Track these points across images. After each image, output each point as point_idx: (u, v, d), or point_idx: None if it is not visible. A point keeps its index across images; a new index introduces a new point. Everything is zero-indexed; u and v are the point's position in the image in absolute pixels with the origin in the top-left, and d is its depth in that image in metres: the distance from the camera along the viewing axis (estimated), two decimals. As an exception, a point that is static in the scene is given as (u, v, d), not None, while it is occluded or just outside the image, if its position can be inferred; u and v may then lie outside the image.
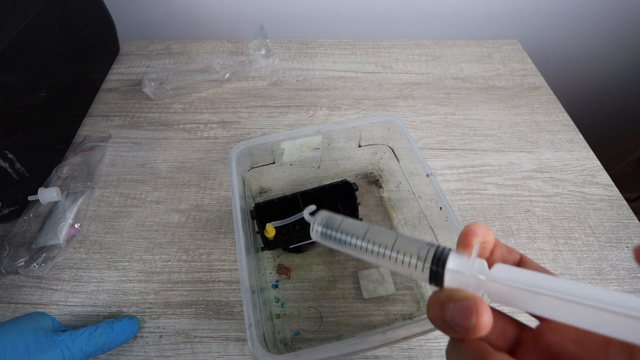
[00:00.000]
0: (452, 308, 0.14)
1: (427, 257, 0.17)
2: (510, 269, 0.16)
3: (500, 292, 0.15)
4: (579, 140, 0.48)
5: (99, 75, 0.55)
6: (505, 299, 0.15)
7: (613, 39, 0.71)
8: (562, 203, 0.41)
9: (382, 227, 0.21)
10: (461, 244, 0.17)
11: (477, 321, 0.14)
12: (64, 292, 0.35)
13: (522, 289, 0.14)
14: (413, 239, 0.19)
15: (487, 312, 0.14)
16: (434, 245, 0.18)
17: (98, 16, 0.55)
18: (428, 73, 0.56)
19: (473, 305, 0.14)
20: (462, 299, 0.14)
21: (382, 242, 0.19)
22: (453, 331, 0.15)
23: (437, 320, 0.15)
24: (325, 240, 0.23)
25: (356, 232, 0.21)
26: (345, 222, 0.22)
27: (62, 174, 0.43)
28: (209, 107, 0.52)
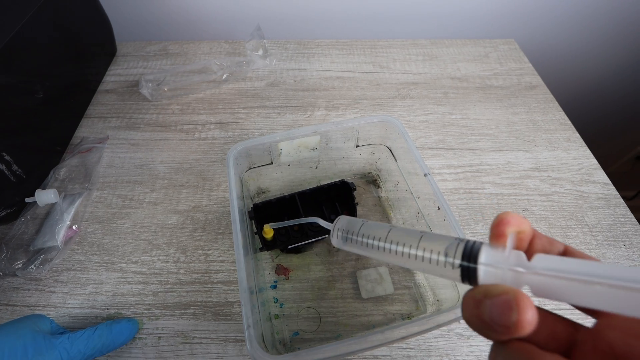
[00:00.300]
0: (490, 305, 0.13)
1: (457, 253, 0.16)
2: (553, 259, 0.14)
3: (544, 285, 0.13)
4: (576, 139, 0.48)
5: (96, 76, 0.55)
6: (551, 293, 0.13)
7: (609, 38, 0.71)
8: (560, 202, 0.42)
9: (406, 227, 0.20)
10: (494, 235, 0.15)
11: (519, 317, 0.12)
12: (62, 294, 0.35)
13: (570, 278, 0.13)
14: (440, 236, 0.18)
15: (530, 307, 0.13)
16: (464, 240, 0.16)
17: (95, 17, 0.54)
18: (425, 73, 0.56)
19: (513, 300, 0.13)
20: (500, 294, 0.13)
21: (407, 242, 0.18)
22: (493, 332, 0.13)
23: (474, 321, 0.14)
24: (346, 246, 0.22)
25: (378, 234, 0.20)
26: (366, 225, 0.21)
27: (59, 175, 0.43)
28: (206, 107, 0.51)
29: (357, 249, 0.22)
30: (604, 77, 0.78)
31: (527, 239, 0.16)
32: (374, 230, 0.20)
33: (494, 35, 0.67)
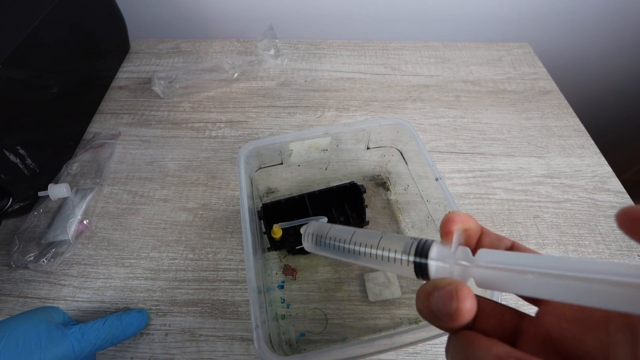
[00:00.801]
0: (437, 296, 0.15)
1: (411, 251, 0.18)
2: (494, 252, 0.15)
3: (485, 276, 0.15)
4: (590, 145, 0.47)
5: (109, 72, 0.56)
6: (492, 283, 0.15)
7: (625, 43, 0.70)
8: (572, 209, 0.41)
9: (370, 230, 0.21)
10: (442, 233, 0.17)
11: (458, 305, 0.14)
12: (72, 287, 0.35)
13: (506, 269, 0.14)
14: (398, 236, 0.19)
15: (468, 297, 0.14)
16: (417, 239, 0.18)
17: (109, 15, 0.55)
18: (437, 75, 0.56)
19: (454, 290, 0.14)
20: (444, 286, 0.14)
21: (368, 243, 0.20)
22: (439, 320, 0.15)
23: (425, 311, 0.15)
24: (316, 249, 0.24)
25: (344, 237, 0.21)
26: (334, 229, 0.23)
27: (71, 170, 0.43)
28: (217, 106, 0.52)
29: (326, 252, 0.23)
30: (620, 82, 0.77)
31: (475, 236, 0.17)
32: (340, 234, 0.22)
33: (508, 38, 0.66)
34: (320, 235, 0.23)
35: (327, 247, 0.23)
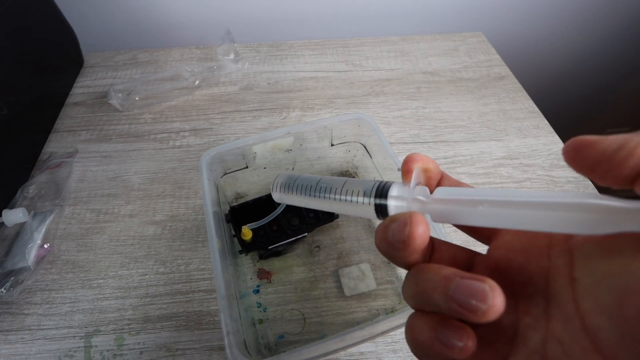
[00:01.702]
0: (393, 226, 0.15)
1: (372, 192, 0.18)
2: (449, 189, 0.16)
3: (441, 211, 0.16)
4: (545, 125, 0.49)
5: (63, 89, 0.54)
6: (448, 217, 0.15)
7: (573, 26, 0.74)
8: (532, 187, 0.43)
9: (336, 177, 0.22)
10: (403, 172, 0.17)
11: (411, 230, 0.14)
12: (36, 315, 0.34)
13: (460, 201, 0.15)
14: (361, 181, 0.20)
15: (421, 223, 0.14)
16: (378, 181, 0.19)
17: (58, 29, 0.53)
18: (398, 69, 0.57)
19: (407, 218, 0.15)
20: (400, 217, 0.15)
21: (333, 187, 0.21)
22: (394, 249, 0.15)
23: (382, 244, 0.16)
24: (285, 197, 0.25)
25: (310, 183, 0.22)
26: (301, 178, 0.24)
27: (28, 193, 0.41)
28: (179, 115, 0.51)
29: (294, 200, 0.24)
30: (570, 64, 0.81)
31: (435, 177, 0.18)
32: (307, 181, 0.23)
33: (463, 29, 0.68)
34: (289, 184, 0.24)
35: (294, 195, 0.23)
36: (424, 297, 0.15)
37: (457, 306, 0.13)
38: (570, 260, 0.14)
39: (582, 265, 0.13)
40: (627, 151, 0.12)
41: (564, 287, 0.14)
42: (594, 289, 0.12)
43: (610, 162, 0.12)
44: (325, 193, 0.21)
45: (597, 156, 0.12)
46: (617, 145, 0.12)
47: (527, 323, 0.14)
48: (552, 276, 0.14)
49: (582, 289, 0.13)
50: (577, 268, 0.14)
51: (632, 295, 0.11)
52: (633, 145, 0.12)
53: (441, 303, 0.14)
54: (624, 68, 0.83)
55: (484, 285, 0.13)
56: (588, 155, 0.13)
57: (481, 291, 0.13)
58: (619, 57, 0.81)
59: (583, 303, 0.13)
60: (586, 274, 0.13)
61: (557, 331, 0.13)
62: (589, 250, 0.13)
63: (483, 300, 0.12)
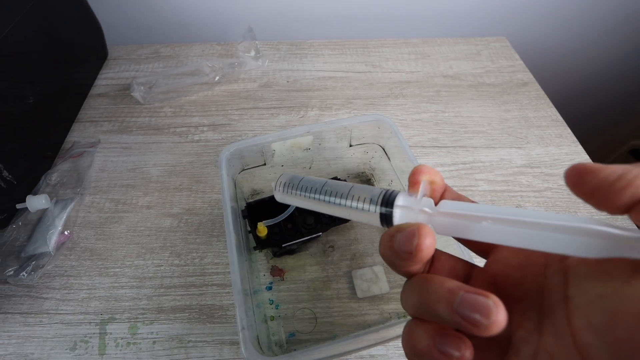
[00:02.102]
0: (399, 237, 0.15)
1: (378, 200, 0.18)
2: (454, 203, 0.16)
3: (445, 224, 0.16)
4: (568, 134, 0.48)
5: (87, 80, 0.55)
6: (451, 229, 0.16)
7: (600, 34, 0.72)
8: (553, 197, 0.42)
9: (342, 181, 0.22)
10: (410, 184, 0.18)
11: (419, 242, 0.15)
12: (54, 300, 0.35)
13: (464, 216, 0.15)
14: (367, 187, 0.20)
15: (429, 235, 0.15)
16: (385, 189, 0.19)
17: (85, 21, 0.54)
18: (418, 71, 0.57)
19: (416, 230, 0.15)
20: (407, 227, 0.15)
21: (339, 192, 0.21)
22: (399, 259, 0.16)
23: (387, 253, 0.16)
24: (287, 197, 0.24)
25: (315, 186, 0.22)
26: (306, 179, 0.23)
27: (50, 181, 0.42)
28: (199, 110, 0.51)
29: (296, 201, 0.23)
30: (595, 73, 0.79)
31: (439, 190, 0.18)
32: (311, 183, 0.22)
33: (486, 33, 0.67)
34: (292, 185, 0.23)
35: (297, 197, 0.23)
36: (427, 307, 0.15)
37: (461, 319, 0.13)
38: (565, 279, 0.15)
39: (576, 285, 0.14)
40: (627, 181, 0.12)
41: (558, 304, 0.14)
42: (587, 308, 0.13)
43: (610, 190, 0.13)
44: (330, 197, 0.21)
45: (597, 183, 0.13)
46: (617, 175, 0.13)
47: (521, 336, 0.15)
48: (547, 293, 0.15)
49: (575, 307, 0.14)
50: (571, 287, 0.14)
51: (623, 318, 0.12)
52: (632, 176, 0.12)
53: (445, 315, 0.14)
54: (652, 78, 0.81)
55: (488, 301, 0.13)
56: (589, 181, 0.13)
57: (485, 306, 0.13)
58: (647, 67, 0.78)
59: (575, 321, 0.13)
60: (580, 294, 0.14)
61: (548, 345, 0.14)
62: (583, 271, 0.14)
63: (487, 316, 0.13)
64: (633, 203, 0.12)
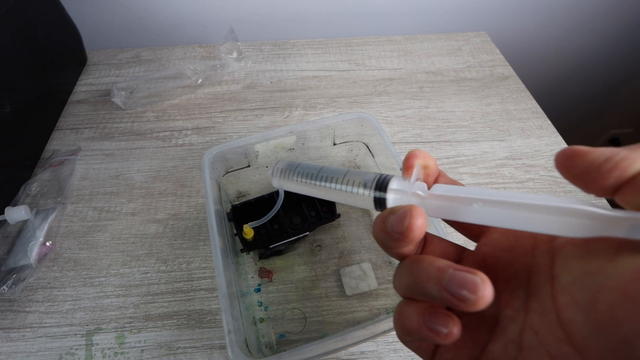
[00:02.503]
0: (392, 218, 0.16)
1: (373, 184, 0.19)
2: (446, 186, 0.17)
3: (438, 206, 0.16)
4: (548, 126, 0.49)
5: (67, 87, 0.54)
6: (443, 212, 0.16)
7: (577, 27, 0.73)
8: (535, 188, 0.43)
9: (337, 167, 0.22)
10: (404, 168, 0.18)
11: (410, 222, 0.15)
12: (37, 313, 0.34)
13: (456, 198, 0.16)
14: (362, 172, 0.20)
15: (420, 216, 0.15)
16: (379, 174, 0.19)
17: (62, 27, 0.53)
18: (401, 68, 0.57)
19: (407, 210, 0.15)
20: (400, 209, 0.16)
21: (334, 177, 0.21)
22: (392, 240, 0.16)
23: (380, 234, 0.16)
24: (284, 183, 0.25)
25: (311, 172, 0.22)
26: (302, 165, 0.24)
27: (30, 191, 0.41)
28: (182, 113, 0.51)
29: (293, 186, 0.24)
30: (574, 65, 0.80)
31: (433, 175, 0.19)
32: (308, 169, 0.23)
33: (466, 28, 0.68)
34: (289, 170, 0.24)
35: (294, 181, 0.23)
36: (417, 286, 0.15)
37: (449, 295, 0.14)
38: (552, 259, 0.15)
39: (562, 265, 0.15)
40: (613, 163, 0.13)
41: (544, 284, 0.15)
42: (571, 286, 0.14)
43: (597, 172, 0.13)
44: (326, 182, 0.21)
45: (585, 166, 0.13)
46: (605, 157, 0.13)
47: (508, 315, 0.16)
48: (534, 273, 0.16)
49: (560, 286, 0.14)
50: (557, 267, 0.15)
51: (605, 294, 0.12)
52: (619, 158, 0.13)
53: (434, 292, 0.14)
54: (628, 69, 0.83)
55: (475, 277, 0.14)
56: (578, 164, 0.14)
57: (473, 282, 0.13)
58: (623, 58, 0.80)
59: (560, 298, 0.14)
60: (565, 273, 0.14)
61: (534, 323, 0.14)
62: (569, 251, 0.15)
63: (474, 291, 0.13)
64: (619, 184, 0.13)
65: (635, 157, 0.13)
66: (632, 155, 0.13)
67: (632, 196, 0.13)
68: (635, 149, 0.13)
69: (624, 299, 0.11)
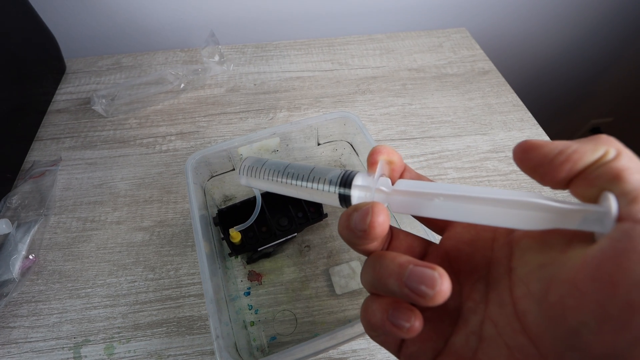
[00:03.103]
0: (355, 215, 0.16)
1: (337, 181, 0.19)
2: (409, 182, 0.17)
3: (401, 202, 0.17)
4: (529, 118, 0.50)
5: (45, 96, 0.53)
6: (407, 207, 0.17)
7: (555, 20, 0.75)
8: (518, 179, 0.43)
9: (304, 163, 0.22)
10: (368, 164, 0.18)
11: (372, 219, 0.15)
12: (22, 328, 0.33)
13: (418, 193, 0.16)
14: (328, 169, 0.20)
15: (382, 213, 0.15)
16: (344, 170, 0.19)
17: (38, 35, 0.52)
18: (383, 66, 0.57)
19: (369, 208, 0.15)
20: (363, 206, 0.16)
21: (300, 174, 0.21)
22: (355, 237, 0.16)
23: (344, 232, 0.17)
24: (251, 181, 0.25)
25: (278, 169, 0.22)
26: (269, 163, 0.24)
27: (11, 204, 0.40)
28: (165, 119, 0.50)
29: (260, 184, 0.24)
30: (553, 57, 0.82)
31: (398, 170, 0.19)
32: (274, 166, 0.23)
33: (446, 25, 0.69)
34: (256, 168, 0.24)
35: (261, 179, 0.23)
36: (380, 282, 0.16)
37: (408, 291, 0.14)
38: (510, 252, 0.16)
39: (519, 257, 0.15)
40: (565, 156, 0.13)
41: (502, 276, 0.15)
42: (526, 278, 0.14)
43: (550, 165, 0.13)
44: (292, 179, 0.21)
45: (540, 159, 0.14)
46: (558, 151, 0.13)
47: (469, 307, 0.16)
48: (493, 266, 0.16)
49: (517, 278, 0.15)
50: (514, 259, 0.15)
51: (556, 285, 0.12)
52: (571, 151, 0.13)
53: (395, 288, 0.15)
54: (606, 59, 0.85)
55: (433, 272, 0.14)
56: (533, 157, 0.14)
57: (431, 278, 0.14)
58: (601, 49, 0.82)
59: (516, 290, 0.14)
60: (521, 265, 0.15)
61: (493, 314, 0.15)
62: (526, 243, 0.15)
63: (432, 286, 0.13)
64: (571, 177, 0.13)
65: (585, 150, 0.13)
66: (583, 149, 0.13)
67: (583, 188, 0.13)
68: (586, 143, 0.13)
69: (573, 290, 0.12)
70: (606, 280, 0.11)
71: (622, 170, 0.12)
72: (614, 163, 0.12)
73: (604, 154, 0.13)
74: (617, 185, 0.12)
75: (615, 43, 0.81)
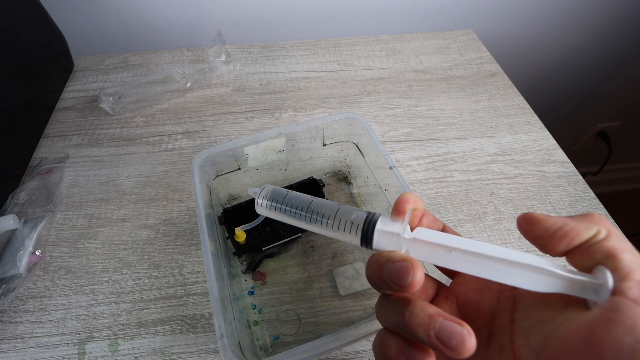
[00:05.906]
0: (392, 268, 0.17)
1: (360, 222, 0.20)
2: (429, 232, 0.19)
3: (422, 250, 0.18)
4: (535, 121, 0.50)
5: (53, 94, 0.53)
6: (425, 256, 0.18)
7: (563, 22, 0.74)
8: (524, 183, 0.43)
9: (326, 200, 0.23)
10: (395, 210, 0.19)
11: (413, 279, 0.16)
12: (28, 323, 0.33)
13: (437, 244, 0.18)
14: (353, 209, 0.21)
15: (420, 271, 0.17)
16: (368, 212, 0.20)
17: (47, 33, 0.52)
18: (389, 68, 0.57)
19: (410, 266, 0.16)
20: (400, 260, 0.17)
21: (325, 213, 0.22)
22: (389, 288, 0.17)
23: (375, 279, 0.18)
24: (270, 213, 0.25)
25: (301, 204, 0.23)
26: (290, 195, 0.24)
27: (18, 200, 0.41)
28: (172, 118, 0.50)
29: (280, 216, 0.24)
30: (560, 60, 0.82)
31: (419, 215, 0.20)
32: (297, 201, 0.23)
33: (453, 27, 0.68)
34: (277, 201, 0.24)
35: (282, 212, 0.23)
36: (407, 328, 0.17)
37: (438, 343, 0.15)
38: (514, 305, 0.18)
39: (521, 311, 0.17)
40: (563, 233, 0.16)
41: (505, 325, 0.17)
42: (527, 330, 0.16)
43: (551, 238, 0.16)
44: (317, 217, 0.22)
45: (541, 232, 0.16)
46: (557, 227, 0.16)
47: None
48: (497, 315, 0.18)
49: (518, 329, 0.16)
50: (517, 312, 0.17)
51: (553, 340, 0.14)
52: (568, 229, 0.16)
53: (423, 337, 0.16)
54: (614, 63, 0.84)
55: (463, 329, 0.15)
56: (535, 229, 0.16)
57: (460, 334, 0.15)
58: (608, 52, 0.82)
59: (517, 340, 0.16)
60: (524, 318, 0.17)
61: (493, 359, 0.17)
62: (529, 299, 0.17)
63: (462, 342, 0.15)
64: (568, 250, 0.16)
65: (580, 228, 0.15)
66: (578, 227, 0.15)
67: (580, 260, 0.16)
68: (580, 221, 0.16)
69: (567, 347, 0.14)
70: (596, 344, 0.13)
71: (616, 250, 0.15)
72: (607, 242, 0.15)
73: (596, 233, 0.15)
74: (611, 262, 0.14)
75: (623, 46, 0.81)
